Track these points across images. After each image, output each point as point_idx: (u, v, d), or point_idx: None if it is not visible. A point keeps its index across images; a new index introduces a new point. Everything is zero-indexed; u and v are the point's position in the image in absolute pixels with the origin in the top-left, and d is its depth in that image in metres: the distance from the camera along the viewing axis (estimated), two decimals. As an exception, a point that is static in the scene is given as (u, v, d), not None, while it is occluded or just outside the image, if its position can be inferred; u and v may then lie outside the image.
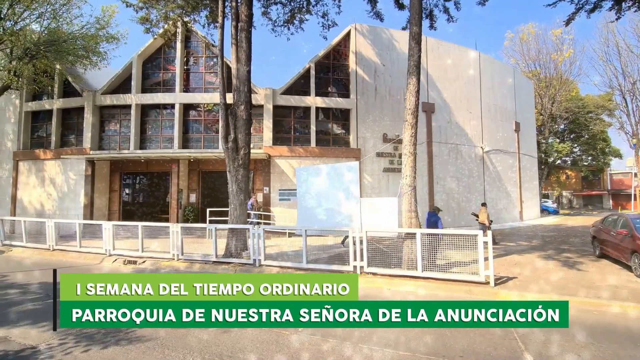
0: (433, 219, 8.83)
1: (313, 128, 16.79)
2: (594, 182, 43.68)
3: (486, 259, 6.96)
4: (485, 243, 6.97)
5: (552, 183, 41.93)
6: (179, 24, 15.44)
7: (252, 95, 16.42)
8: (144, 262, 10.35)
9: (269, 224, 15.33)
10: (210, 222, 14.60)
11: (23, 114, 17.47)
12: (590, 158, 36.79)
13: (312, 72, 16.99)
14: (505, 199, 21.76)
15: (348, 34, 17.67)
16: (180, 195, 16.33)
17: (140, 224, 10.84)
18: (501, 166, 21.82)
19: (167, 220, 17.36)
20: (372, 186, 17.21)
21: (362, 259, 8.03)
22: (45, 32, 13.35)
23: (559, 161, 31.32)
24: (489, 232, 7.18)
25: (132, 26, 14.65)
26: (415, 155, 8.45)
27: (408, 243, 7.74)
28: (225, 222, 15.20)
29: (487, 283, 6.94)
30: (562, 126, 34.01)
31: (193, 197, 16.85)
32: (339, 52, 17.86)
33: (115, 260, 10.72)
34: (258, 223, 15.01)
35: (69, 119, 17.40)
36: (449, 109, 19.48)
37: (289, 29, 14.65)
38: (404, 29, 12.08)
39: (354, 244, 8.08)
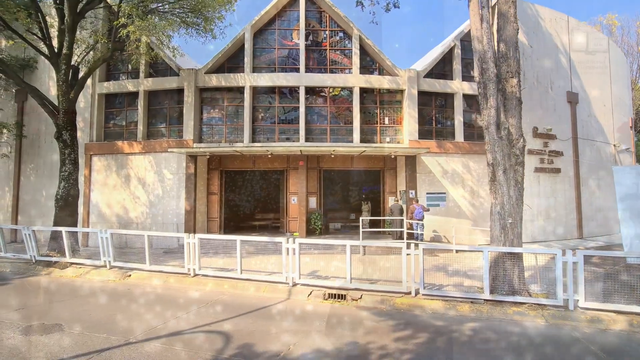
0: None
1: (460, 119, 13.96)
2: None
3: None
4: None
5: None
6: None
7: (394, 78, 13.55)
8: (360, 297, 7.33)
9: (412, 237, 12.44)
10: (366, 234, 11.63)
11: (97, 96, 14.03)
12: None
13: (458, 51, 14.18)
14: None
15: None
16: (305, 199, 13.25)
17: (349, 242, 7.79)
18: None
19: (278, 229, 14.32)
20: (523, 189, 14.47)
21: None
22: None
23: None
24: None
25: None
26: None
27: None
28: (382, 234, 12.29)
29: None
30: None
31: (313, 202, 13.77)
32: (480, 30, 15.03)
33: (311, 293, 7.67)
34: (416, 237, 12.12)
35: (156, 104, 14.05)
36: (588, 101, 16.95)
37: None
38: None
39: None
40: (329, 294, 7.62)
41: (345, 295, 7.52)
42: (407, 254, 7.23)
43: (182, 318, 6.19)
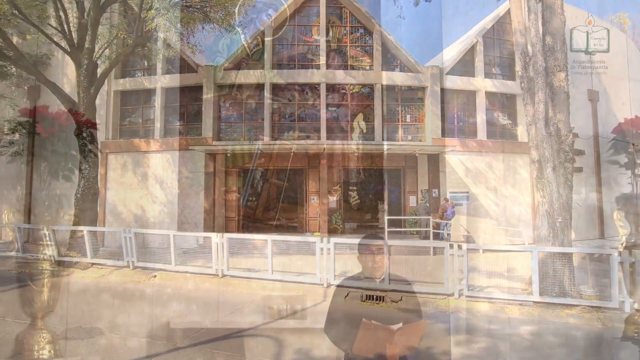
0: None
1: (483, 116, 13.72)
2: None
3: None
4: None
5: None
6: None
7: (416, 75, 13.32)
8: (400, 299, 7.04)
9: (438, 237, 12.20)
10: (390, 234, 11.42)
11: (112, 93, 13.76)
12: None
13: (480, 48, 13.93)
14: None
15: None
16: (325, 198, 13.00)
17: (388, 242, 7.53)
18: (643, 167, 19.25)
19: (296, 229, 14.07)
20: (545, 188, 14.25)
21: None
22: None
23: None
24: None
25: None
26: None
27: None
28: (404, 234, 12.04)
29: None
30: None
31: (333, 201, 13.51)
32: (502, 26, 14.82)
33: (347, 295, 7.34)
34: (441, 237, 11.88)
35: (173, 101, 13.78)
36: (608, 99, 16.74)
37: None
38: None
39: None
40: (366, 295, 7.37)
41: (383, 297, 7.26)
42: (450, 254, 7.00)
43: (222, 321, 5.94)
